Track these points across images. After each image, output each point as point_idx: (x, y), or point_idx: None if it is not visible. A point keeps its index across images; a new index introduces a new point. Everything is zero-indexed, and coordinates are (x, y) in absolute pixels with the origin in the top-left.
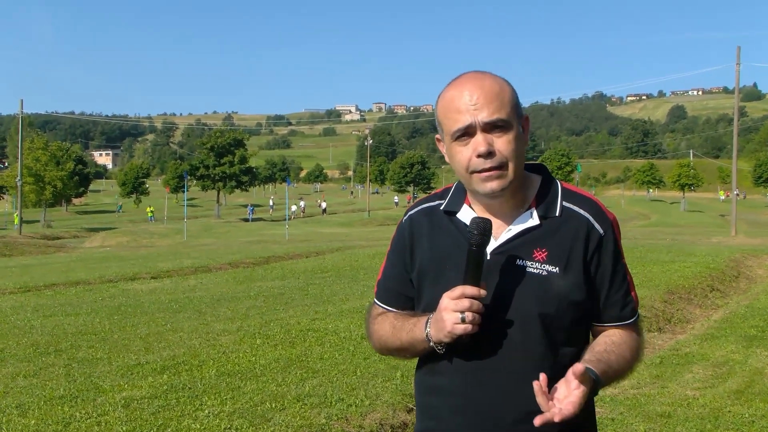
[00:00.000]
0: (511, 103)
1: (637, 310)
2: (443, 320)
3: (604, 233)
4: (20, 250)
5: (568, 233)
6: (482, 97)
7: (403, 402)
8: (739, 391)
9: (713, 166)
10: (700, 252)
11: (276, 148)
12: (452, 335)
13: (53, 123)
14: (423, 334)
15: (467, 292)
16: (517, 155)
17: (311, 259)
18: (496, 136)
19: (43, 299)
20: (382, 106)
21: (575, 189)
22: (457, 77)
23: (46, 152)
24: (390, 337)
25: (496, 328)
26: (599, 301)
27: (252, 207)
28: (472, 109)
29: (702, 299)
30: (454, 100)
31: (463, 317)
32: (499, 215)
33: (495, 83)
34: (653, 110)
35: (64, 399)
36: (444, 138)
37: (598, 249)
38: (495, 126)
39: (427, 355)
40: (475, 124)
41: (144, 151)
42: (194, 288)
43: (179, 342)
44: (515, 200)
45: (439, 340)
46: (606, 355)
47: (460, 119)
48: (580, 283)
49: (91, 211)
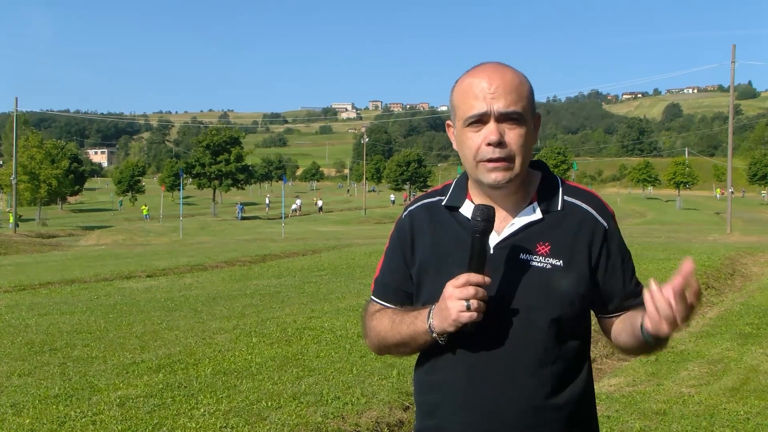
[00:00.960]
0: (528, 99)
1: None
2: (448, 308)
3: (608, 226)
4: (15, 248)
5: (571, 227)
6: (501, 87)
7: (400, 400)
8: (735, 389)
9: (709, 164)
10: (696, 250)
11: (272, 146)
12: (457, 323)
13: (48, 121)
14: (425, 325)
15: (472, 280)
16: (525, 150)
17: (307, 258)
18: (508, 128)
19: (38, 298)
20: (379, 104)
21: (575, 184)
22: (477, 65)
23: (41, 150)
24: (389, 332)
25: (500, 321)
26: (610, 293)
27: (241, 205)
28: (490, 98)
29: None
30: (473, 86)
31: (468, 305)
32: (501, 210)
33: (515, 76)
34: (649, 108)
35: (59, 398)
36: (455, 123)
37: (605, 242)
38: (509, 117)
39: (427, 352)
40: (490, 112)
41: (140, 149)
42: (190, 286)
43: (175, 340)
44: (518, 195)
45: (443, 329)
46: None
47: (476, 105)
48: (583, 276)
49: (87, 209)
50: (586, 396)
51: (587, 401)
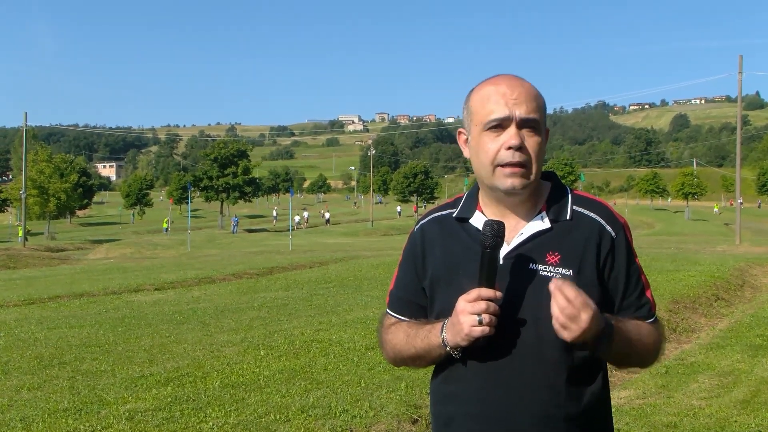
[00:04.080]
0: (543, 111)
1: (654, 312)
2: (460, 323)
3: (616, 235)
4: (24, 262)
5: (580, 236)
6: (523, 95)
7: (408, 413)
8: (746, 401)
9: (717, 175)
10: (705, 261)
11: (279, 159)
12: (469, 338)
13: (57, 135)
14: (439, 339)
15: (483, 295)
16: (540, 158)
17: (315, 270)
18: (527, 134)
19: (47, 311)
20: (385, 116)
21: (585, 194)
22: (493, 76)
23: (50, 164)
24: (404, 346)
25: (511, 332)
26: (614, 304)
27: (236, 218)
28: (512, 103)
29: (707, 308)
30: (494, 92)
31: (480, 319)
32: (511, 220)
33: (533, 87)
34: (656, 119)
35: (68, 411)
36: (472, 129)
37: (612, 251)
38: (528, 124)
39: (443, 363)
40: (512, 117)
41: (147, 162)
42: (198, 299)
43: (183, 354)
44: (528, 204)
45: (456, 344)
46: (621, 320)
47: (498, 110)
48: (593, 286)
49: (95, 222)
50: (601, 406)
51: (603, 411)
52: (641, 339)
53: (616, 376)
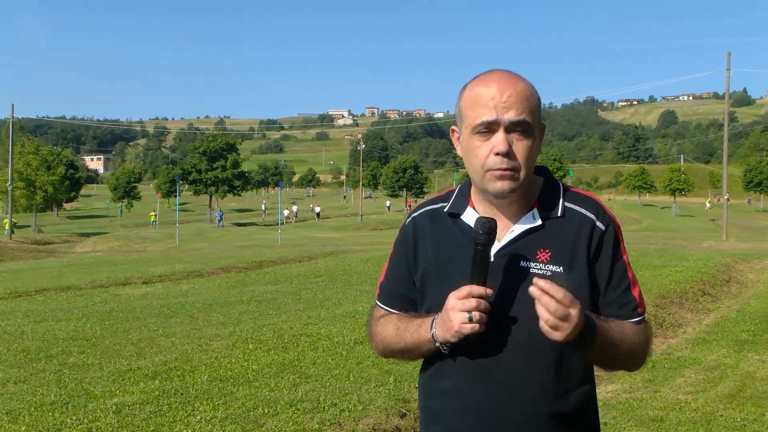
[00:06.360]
0: (536, 110)
1: (642, 312)
2: (450, 320)
3: (605, 229)
4: (11, 255)
5: (571, 233)
6: (513, 97)
7: (396, 407)
8: (731, 395)
9: (704, 171)
10: (692, 256)
11: (268, 153)
12: (459, 335)
13: (44, 127)
14: (428, 334)
15: (474, 292)
16: (530, 161)
17: (304, 264)
18: (516, 138)
19: (33, 304)
20: (375, 110)
21: (577, 190)
22: (487, 72)
23: (37, 157)
24: (394, 339)
25: (502, 329)
26: (599, 299)
27: (221, 213)
28: (501, 107)
29: (694, 303)
30: (484, 94)
31: (470, 317)
32: (502, 217)
33: (527, 86)
34: (644, 115)
35: (55, 405)
36: (462, 130)
37: (599, 245)
38: (518, 128)
39: (432, 358)
40: (500, 121)
41: (136, 155)
42: (186, 293)
43: (171, 347)
44: (519, 202)
45: (446, 340)
46: (604, 319)
47: (486, 114)
48: (584, 283)
49: (83, 215)
50: (589, 403)
51: (590, 408)
52: (624, 339)
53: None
